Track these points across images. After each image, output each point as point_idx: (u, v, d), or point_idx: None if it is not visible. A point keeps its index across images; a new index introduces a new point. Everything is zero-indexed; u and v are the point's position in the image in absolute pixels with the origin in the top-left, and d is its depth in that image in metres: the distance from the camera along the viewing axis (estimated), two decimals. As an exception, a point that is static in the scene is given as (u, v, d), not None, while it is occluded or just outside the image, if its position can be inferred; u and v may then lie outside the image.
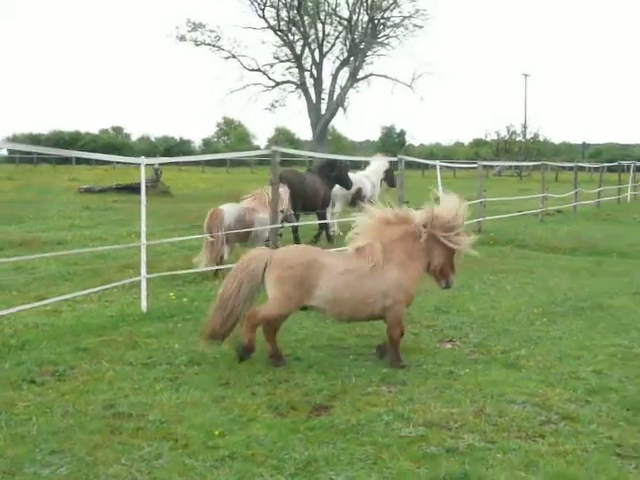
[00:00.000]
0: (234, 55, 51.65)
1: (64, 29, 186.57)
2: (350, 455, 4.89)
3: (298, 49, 52.12)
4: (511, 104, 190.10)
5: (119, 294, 10.11)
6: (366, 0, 50.84)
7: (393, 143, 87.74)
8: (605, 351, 7.52)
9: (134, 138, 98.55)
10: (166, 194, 29.17)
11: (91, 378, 6.45)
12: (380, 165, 18.89)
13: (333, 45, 52.57)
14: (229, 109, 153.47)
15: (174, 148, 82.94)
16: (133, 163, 10.00)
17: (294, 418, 5.57)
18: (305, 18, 50.68)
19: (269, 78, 52.72)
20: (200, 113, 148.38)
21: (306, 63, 52.33)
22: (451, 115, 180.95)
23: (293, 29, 51.79)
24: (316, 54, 52.22)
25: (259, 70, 52.26)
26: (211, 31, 51.22)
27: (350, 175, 17.11)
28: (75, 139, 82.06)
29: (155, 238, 12.49)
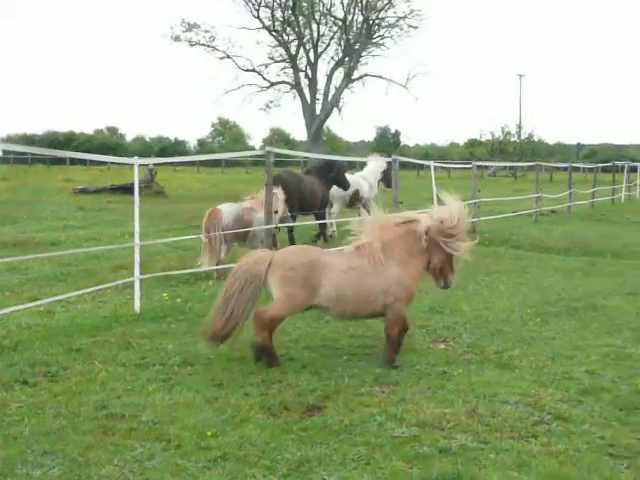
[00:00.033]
0: (229, 55, 51.77)
1: (59, 29, 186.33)
2: (343, 455, 4.90)
3: (293, 49, 52.24)
4: (506, 105, 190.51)
5: (113, 295, 10.09)
6: (361, 0, 50.92)
7: (388, 143, 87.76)
8: (598, 351, 7.53)
9: (129, 138, 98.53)
10: (161, 194, 29.16)
11: (84, 379, 6.44)
12: (377, 166, 18.83)
13: (328, 45, 52.77)
14: (224, 109, 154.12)
15: (169, 148, 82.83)
16: (126, 164, 9.99)
17: (287, 419, 5.57)
18: (300, 18, 50.76)
19: (264, 78, 52.85)
20: (195, 113, 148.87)
21: (301, 63, 52.50)
22: (446, 115, 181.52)
23: (288, 29, 51.89)
24: (311, 54, 52.34)
25: (254, 70, 52.37)
26: (206, 31, 51.36)
27: (347, 176, 17.11)
28: (69, 139, 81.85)
29: (149, 239, 12.48)
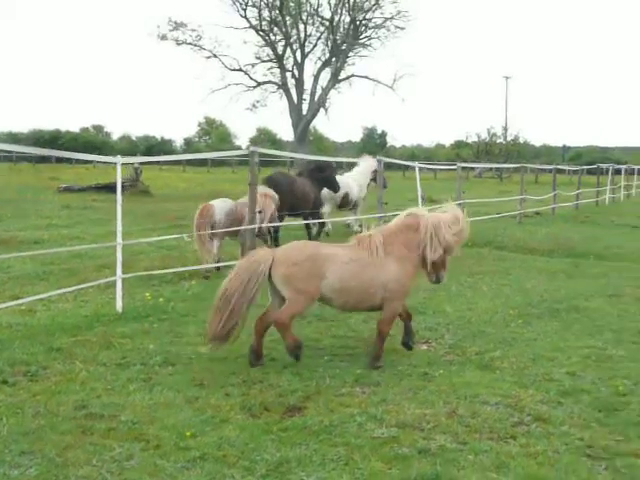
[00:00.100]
0: (215, 55, 51.53)
1: (45, 27, 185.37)
2: (322, 456, 4.89)
3: (280, 49, 52.08)
4: (492, 106, 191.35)
5: (95, 294, 10.04)
6: (348, 1, 50.89)
7: (375, 144, 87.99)
8: (579, 353, 7.57)
9: (115, 137, 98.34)
10: (146, 193, 29.02)
11: (64, 378, 6.41)
12: (368, 166, 18.90)
13: (315, 46, 52.62)
14: (210, 109, 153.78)
15: (155, 147, 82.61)
16: (109, 162, 9.92)
17: (267, 419, 5.56)
18: (287, 18, 50.61)
19: (251, 78, 52.64)
20: (181, 112, 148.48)
21: (288, 63, 52.33)
22: (432, 117, 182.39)
23: (275, 29, 51.74)
24: (298, 54, 52.21)
25: (240, 70, 52.16)
26: (192, 30, 51.03)
27: (338, 178, 17.23)
28: (55, 137, 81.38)
29: (133, 238, 12.44)
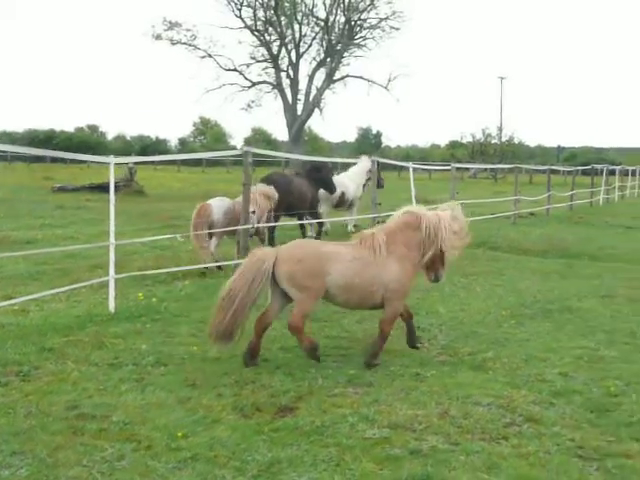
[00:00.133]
0: (210, 54, 51.57)
1: (39, 26, 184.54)
2: (313, 457, 4.89)
3: (275, 49, 52.15)
4: (487, 107, 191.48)
5: (87, 294, 10.02)
6: (343, 1, 50.94)
7: (369, 144, 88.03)
8: (571, 353, 7.58)
9: (110, 137, 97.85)
10: (140, 193, 29.00)
11: (55, 379, 6.39)
12: (364, 166, 18.97)
13: (310, 46, 52.71)
14: (205, 108, 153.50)
15: (150, 147, 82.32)
16: (102, 162, 9.90)
17: (259, 419, 5.56)
18: (282, 18, 50.68)
19: (245, 78, 52.69)
20: (176, 112, 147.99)
21: (282, 63, 52.41)
22: (427, 117, 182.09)
23: (270, 29, 51.78)
24: (293, 55, 52.32)
25: (235, 70, 52.20)
26: (187, 30, 51.08)
27: (334, 178, 17.35)
28: (50, 137, 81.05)
29: (126, 238, 12.43)
